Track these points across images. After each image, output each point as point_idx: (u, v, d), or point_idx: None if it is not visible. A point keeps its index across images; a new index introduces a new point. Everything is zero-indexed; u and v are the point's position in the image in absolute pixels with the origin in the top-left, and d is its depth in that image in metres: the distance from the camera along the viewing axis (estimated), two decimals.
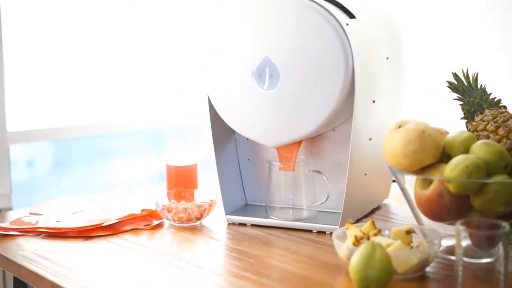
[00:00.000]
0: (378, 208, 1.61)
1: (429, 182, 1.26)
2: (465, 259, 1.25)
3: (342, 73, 1.37)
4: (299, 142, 1.46)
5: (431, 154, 1.27)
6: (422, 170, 1.28)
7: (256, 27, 1.43)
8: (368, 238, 1.24)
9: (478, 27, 2.08)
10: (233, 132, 1.57)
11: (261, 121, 1.45)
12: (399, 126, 1.30)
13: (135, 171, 2.60)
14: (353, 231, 1.27)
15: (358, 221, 1.50)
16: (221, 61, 1.46)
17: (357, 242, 1.23)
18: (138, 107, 2.46)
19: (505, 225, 1.07)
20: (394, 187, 1.66)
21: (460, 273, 1.10)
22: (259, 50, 1.42)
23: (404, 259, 1.18)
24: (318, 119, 1.40)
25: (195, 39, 2.54)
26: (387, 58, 1.50)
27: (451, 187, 1.21)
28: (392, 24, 1.55)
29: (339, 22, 1.38)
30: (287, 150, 1.47)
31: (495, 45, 2.06)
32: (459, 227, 1.09)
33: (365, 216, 1.54)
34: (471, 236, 1.11)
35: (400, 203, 1.63)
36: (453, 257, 1.28)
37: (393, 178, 1.63)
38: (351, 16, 1.44)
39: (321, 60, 1.38)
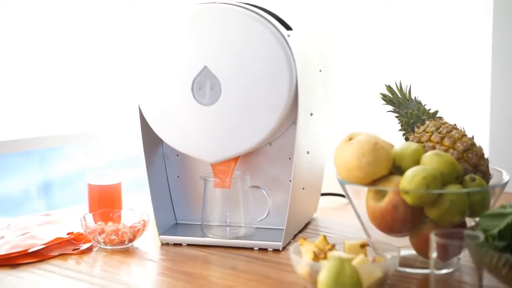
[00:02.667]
0: (309, 223, 1.59)
1: (383, 194, 1.24)
2: (420, 271, 1.26)
3: (287, 85, 1.34)
4: (236, 157, 1.41)
5: (384, 166, 1.25)
6: (375, 182, 1.27)
7: (196, 37, 1.36)
8: (325, 254, 1.21)
9: (407, 43, 2.14)
10: (162, 147, 1.49)
11: (200, 135, 1.38)
12: (350, 139, 1.28)
13: (17, 190, 2.47)
14: (309, 247, 1.23)
15: (294, 237, 1.47)
16: (157, 72, 1.39)
17: (316, 258, 1.19)
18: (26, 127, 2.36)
19: (480, 235, 1.07)
20: (321, 201, 1.65)
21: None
22: (198, 61, 1.36)
23: (368, 273, 1.16)
24: (262, 132, 1.36)
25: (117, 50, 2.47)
26: (320, 71, 1.48)
27: (408, 199, 1.21)
28: (323, 37, 1.54)
29: (281, 33, 1.35)
30: (224, 165, 1.42)
31: (422, 60, 2.13)
32: (433, 237, 1.08)
33: (300, 231, 1.51)
34: (439, 247, 1.11)
35: (327, 217, 1.63)
36: (404, 269, 1.28)
37: (322, 192, 1.64)
38: (288, 28, 1.41)
39: (266, 72, 1.33)
